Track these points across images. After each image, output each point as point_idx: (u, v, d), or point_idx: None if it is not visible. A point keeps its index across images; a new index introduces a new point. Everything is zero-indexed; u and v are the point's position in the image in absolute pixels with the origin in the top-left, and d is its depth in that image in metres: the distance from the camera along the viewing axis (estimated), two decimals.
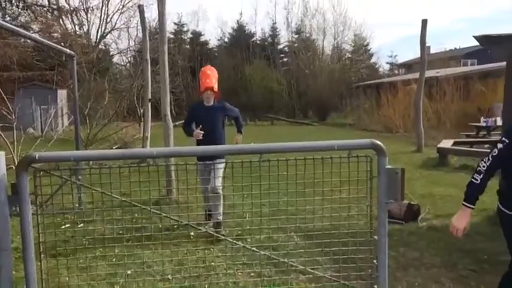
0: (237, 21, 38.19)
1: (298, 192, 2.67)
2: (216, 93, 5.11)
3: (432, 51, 33.95)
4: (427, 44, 13.12)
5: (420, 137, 12.46)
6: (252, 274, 3.72)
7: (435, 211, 5.89)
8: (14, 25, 10.44)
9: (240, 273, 3.68)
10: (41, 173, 2.41)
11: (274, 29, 38.20)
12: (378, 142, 2.30)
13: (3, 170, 2.25)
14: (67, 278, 2.96)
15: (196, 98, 4.85)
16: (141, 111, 14.03)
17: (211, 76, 5.08)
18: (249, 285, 3.54)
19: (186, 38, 37.66)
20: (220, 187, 4.83)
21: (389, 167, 2.27)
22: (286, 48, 38.14)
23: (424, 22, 12.35)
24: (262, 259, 3.68)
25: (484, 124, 13.75)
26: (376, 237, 2.35)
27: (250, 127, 22.41)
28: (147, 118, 9.90)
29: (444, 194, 6.88)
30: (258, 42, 37.71)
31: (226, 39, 38.46)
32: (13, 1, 21.78)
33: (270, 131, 20.89)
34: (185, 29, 37.99)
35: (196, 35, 37.75)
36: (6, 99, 8.32)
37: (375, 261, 2.39)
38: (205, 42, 38.08)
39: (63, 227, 4.66)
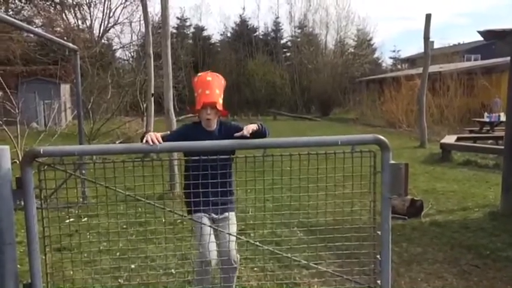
0: (240, 15, 38.20)
1: (301, 187, 2.68)
2: (221, 111, 3.19)
3: (435, 46, 33.85)
4: (431, 39, 13.06)
5: (423, 132, 12.43)
6: (256, 269, 3.73)
7: (438, 207, 5.89)
8: (17, 19, 10.46)
9: (243, 268, 3.70)
10: (45, 167, 2.42)
11: (277, 23, 38.16)
12: (382, 137, 2.30)
13: (8, 165, 2.26)
14: (71, 272, 2.98)
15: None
16: (144, 105, 14.03)
17: (212, 85, 3.17)
18: (252, 279, 3.55)
19: (188, 32, 37.61)
20: (238, 256, 3.21)
21: (393, 162, 2.27)
22: (289, 43, 38.07)
23: (428, 17, 12.30)
24: (266, 254, 3.68)
25: (487, 119, 13.72)
26: (379, 232, 2.36)
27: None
28: (150, 113, 9.89)
29: (447, 189, 6.88)
30: (261, 37, 37.65)
31: (229, 34, 38.42)
32: None
33: (272, 126, 20.87)
34: (188, 23, 37.94)
35: (199, 29, 37.70)
36: (9, 93, 8.34)
37: (378, 256, 2.39)
38: (208, 37, 38.03)
39: (67, 221, 4.68)
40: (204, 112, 3.16)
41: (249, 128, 2.78)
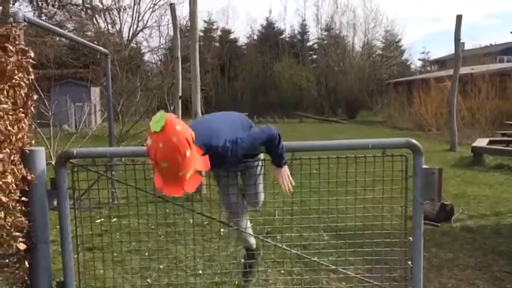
0: (266, 18, 38.24)
1: (330, 191, 2.66)
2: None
3: (466, 47, 33.07)
4: (461, 40, 12.77)
5: (454, 135, 12.16)
6: (283, 272, 3.72)
7: (469, 211, 5.75)
8: (50, 24, 10.74)
9: (270, 271, 3.69)
10: (77, 168, 2.47)
11: (303, 26, 38.00)
12: (414, 141, 2.27)
13: (44, 165, 2.33)
14: (102, 271, 3.04)
15: (226, 97, 2.73)
16: (171, 108, 14.17)
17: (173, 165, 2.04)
18: (279, 282, 3.54)
19: (215, 35, 37.88)
20: (261, 202, 3.17)
21: (425, 166, 2.23)
22: (315, 45, 37.85)
23: (459, 18, 12.04)
24: (293, 257, 3.67)
25: None
26: (411, 238, 2.32)
27: (278, 125, 22.35)
28: (177, 115, 10.02)
29: (479, 194, 6.71)
30: (287, 39, 37.55)
31: (255, 37, 38.47)
32: (49, 0, 22.35)
33: (298, 128, 20.80)
34: (215, 26, 38.22)
35: (226, 32, 37.91)
36: (43, 96, 8.55)
37: (409, 262, 2.35)
38: (235, 40, 38.17)
39: (97, 221, 4.77)
40: None
41: (289, 188, 2.55)
